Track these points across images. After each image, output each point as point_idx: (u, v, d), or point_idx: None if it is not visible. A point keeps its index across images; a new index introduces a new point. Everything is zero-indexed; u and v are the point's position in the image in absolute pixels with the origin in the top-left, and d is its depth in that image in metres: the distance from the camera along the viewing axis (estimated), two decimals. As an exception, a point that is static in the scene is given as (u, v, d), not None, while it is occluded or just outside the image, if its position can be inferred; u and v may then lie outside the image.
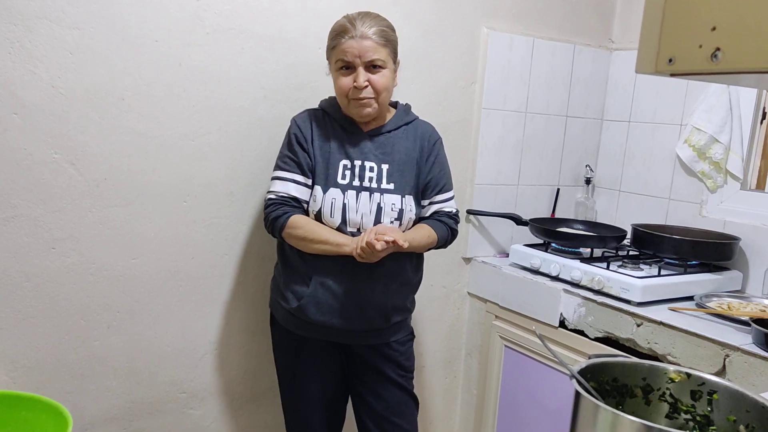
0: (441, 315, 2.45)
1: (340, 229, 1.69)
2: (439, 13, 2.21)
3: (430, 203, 1.82)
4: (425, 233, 1.76)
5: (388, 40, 1.68)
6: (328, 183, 1.71)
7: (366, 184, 1.71)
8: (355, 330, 1.75)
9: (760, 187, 2.29)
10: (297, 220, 1.69)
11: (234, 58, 1.87)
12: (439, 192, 1.82)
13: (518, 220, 2.42)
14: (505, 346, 2.33)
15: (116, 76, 1.71)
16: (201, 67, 1.82)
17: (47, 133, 1.65)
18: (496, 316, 2.36)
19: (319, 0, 1.92)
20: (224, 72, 1.86)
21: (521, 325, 2.25)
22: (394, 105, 1.85)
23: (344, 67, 1.67)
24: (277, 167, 1.76)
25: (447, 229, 1.82)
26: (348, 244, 1.64)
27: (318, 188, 1.71)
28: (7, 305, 1.68)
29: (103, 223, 1.76)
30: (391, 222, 1.72)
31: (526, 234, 2.41)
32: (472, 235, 2.44)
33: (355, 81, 1.65)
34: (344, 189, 1.70)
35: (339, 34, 1.66)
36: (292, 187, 1.72)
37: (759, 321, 1.68)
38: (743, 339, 1.69)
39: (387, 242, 1.57)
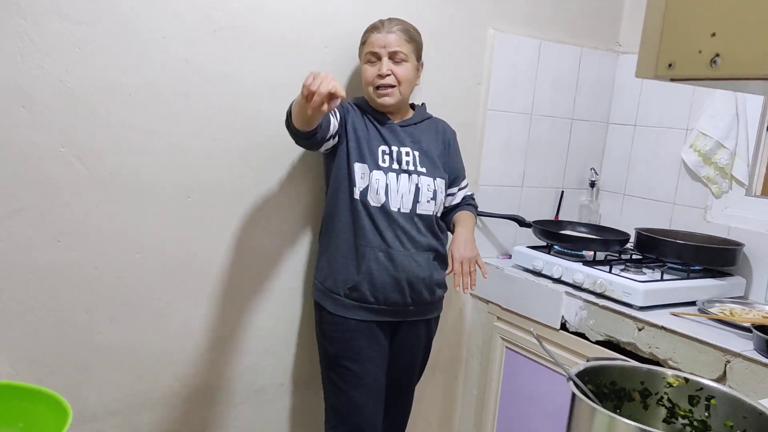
0: (443, 315, 2.42)
1: (384, 206, 1.82)
2: (446, 15, 2.22)
3: (459, 190, 2.05)
4: (471, 219, 2.02)
5: (412, 38, 1.88)
6: (372, 165, 1.84)
7: (404, 167, 1.87)
8: (407, 302, 1.87)
9: (765, 193, 2.27)
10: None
11: (241, 56, 1.88)
12: (462, 180, 2.07)
13: (522, 222, 2.42)
14: (507, 347, 2.33)
15: (124, 72, 1.72)
16: (208, 65, 1.83)
17: (54, 127, 1.67)
18: (498, 318, 2.36)
19: (327, 2, 1.93)
20: (231, 70, 1.87)
21: (523, 326, 2.25)
22: (412, 106, 2.01)
23: (371, 60, 1.86)
24: None
25: (474, 209, 2.09)
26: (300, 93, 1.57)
27: (365, 166, 1.83)
28: (12, 297, 1.69)
29: (108, 218, 1.78)
30: (428, 201, 1.88)
31: (529, 236, 2.41)
32: (475, 236, 2.43)
33: (379, 70, 1.83)
34: (386, 171, 1.85)
35: (369, 30, 1.88)
36: None
37: (761, 327, 1.68)
38: (744, 345, 1.68)
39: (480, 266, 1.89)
